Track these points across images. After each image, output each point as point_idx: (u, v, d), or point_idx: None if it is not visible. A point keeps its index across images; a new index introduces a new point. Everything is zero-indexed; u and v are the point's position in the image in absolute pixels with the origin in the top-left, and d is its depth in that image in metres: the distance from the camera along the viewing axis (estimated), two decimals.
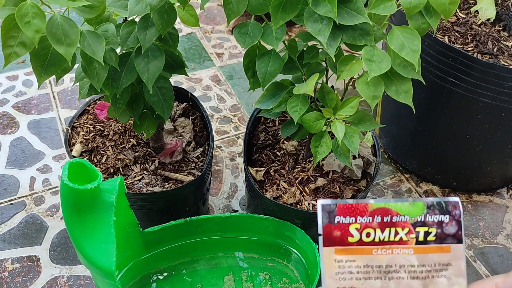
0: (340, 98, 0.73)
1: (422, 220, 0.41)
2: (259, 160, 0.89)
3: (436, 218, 0.41)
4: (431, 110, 1.00)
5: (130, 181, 0.85)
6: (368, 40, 0.61)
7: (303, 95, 0.69)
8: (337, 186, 0.83)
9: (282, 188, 0.83)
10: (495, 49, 0.93)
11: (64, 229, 1.00)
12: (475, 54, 0.92)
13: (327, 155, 0.77)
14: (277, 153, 0.90)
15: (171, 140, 0.93)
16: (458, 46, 0.94)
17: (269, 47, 0.67)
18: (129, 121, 0.90)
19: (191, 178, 0.86)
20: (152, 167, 0.87)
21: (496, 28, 0.98)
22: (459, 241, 0.41)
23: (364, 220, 0.40)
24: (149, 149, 0.90)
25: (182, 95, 0.98)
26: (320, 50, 0.70)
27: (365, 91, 0.63)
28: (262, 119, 0.96)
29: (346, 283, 0.40)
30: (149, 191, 0.83)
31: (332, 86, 0.74)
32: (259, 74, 0.67)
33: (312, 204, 0.81)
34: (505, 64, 0.89)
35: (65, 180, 0.59)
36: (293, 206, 0.80)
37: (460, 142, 1.02)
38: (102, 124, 0.93)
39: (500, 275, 0.40)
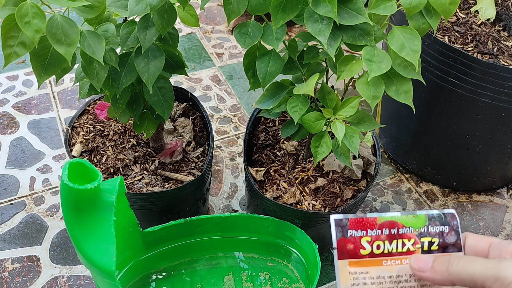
0: (340, 98, 0.73)
1: (426, 231, 0.43)
2: (259, 160, 0.89)
3: (437, 229, 0.43)
4: (431, 110, 1.00)
5: (130, 181, 0.85)
6: (368, 40, 0.61)
7: (303, 95, 0.69)
8: (337, 186, 0.83)
9: (282, 188, 0.83)
10: (495, 49, 0.93)
11: (64, 229, 1.00)
12: (475, 54, 0.92)
13: (327, 155, 0.77)
14: (277, 153, 0.90)
15: (171, 140, 0.93)
16: (458, 46, 0.94)
17: (269, 47, 0.67)
18: (129, 121, 0.90)
19: (191, 178, 0.86)
20: (152, 167, 0.87)
21: (496, 28, 0.98)
22: (459, 250, 0.43)
23: (374, 233, 0.43)
24: (149, 149, 0.90)
25: (182, 95, 0.98)
26: (320, 50, 0.70)
27: (365, 91, 0.63)
28: (262, 119, 0.96)
29: None
30: (149, 191, 0.83)
31: (332, 86, 0.74)
32: (259, 74, 0.67)
33: (312, 204, 0.81)
34: (505, 64, 0.89)
35: (65, 180, 0.59)
36: (293, 206, 0.80)
37: (460, 142, 1.02)
38: (102, 124, 0.93)
39: (497, 238, 0.41)
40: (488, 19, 0.99)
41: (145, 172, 0.86)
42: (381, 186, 1.15)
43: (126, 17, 0.73)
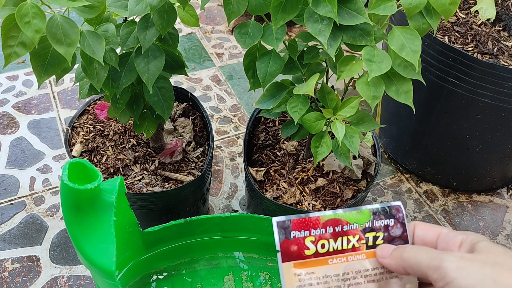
0: (340, 98, 0.73)
1: (370, 226, 0.43)
2: (259, 160, 0.89)
3: (382, 222, 0.43)
4: (431, 110, 1.00)
5: (130, 181, 0.85)
6: (368, 41, 0.61)
7: (303, 95, 0.69)
8: (337, 186, 0.83)
9: (282, 188, 0.83)
10: (495, 49, 0.93)
11: (64, 229, 1.00)
12: (475, 54, 0.92)
13: (327, 155, 0.77)
14: (277, 153, 0.90)
15: (171, 140, 0.93)
16: (458, 46, 0.94)
17: (269, 47, 0.67)
18: (129, 121, 0.90)
19: (191, 178, 0.86)
20: (152, 167, 0.87)
21: (496, 28, 0.98)
22: (406, 241, 0.43)
23: (318, 232, 0.42)
24: (149, 149, 0.90)
25: (182, 95, 0.98)
26: (320, 50, 0.70)
27: (365, 91, 0.63)
28: (262, 119, 0.96)
29: None
30: (149, 191, 0.83)
31: (332, 87, 0.74)
32: (259, 74, 0.67)
33: (312, 204, 0.81)
34: (505, 64, 0.89)
35: (65, 180, 0.59)
36: (293, 206, 0.80)
37: (460, 142, 1.02)
38: (102, 124, 0.93)
39: (447, 228, 0.42)
40: (488, 19, 0.99)
41: (145, 172, 0.86)
42: (381, 186, 1.15)
43: (126, 17, 0.73)
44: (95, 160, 0.88)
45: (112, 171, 0.86)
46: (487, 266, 0.35)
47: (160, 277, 0.83)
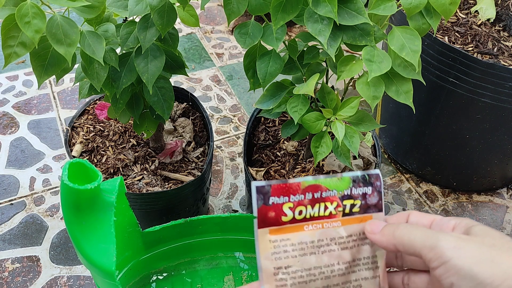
0: (340, 98, 0.73)
1: (349, 193, 0.42)
2: (259, 160, 0.89)
3: (360, 190, 0.42)
4: (431, 110, 1.00)
5: (130, 181, 0.85)
6: (368, 41, 0.61)
7: (303, 96, 0.69)
8: None
9: None
10: (495, 49, 0.93)
11: (64, 229, 1.00)
12: (475, 54, 0.92)
13: (327, 155, 0.77)
14: (277, 153, 0.90)
15: (171, 140, 0.93)
16: (458, 46, 0.94)
17: (269, 47, 0.67)
18: (129, 121, 0.90)
19: (191, 178, 0.86)
20: (152, 167, 0.87)
21: (496, 28, 0.98)
22: (380, 210, 0.42)
23: (297, 198, 0.41)
24: (149, 149, 0.90)
25: (182, 95, 0.98)
26: (320, 51, 0.70)
27: (365, 91, 0.63)
28: (262, 119, 0.96)
29: (282, 262, 0.40)
30: (149, 191, 0.83)
31: (332, 87, 0.74)
32: (259, 74, 0.67)
33: None
34: (505, 64, 0.89)
35: (65, 180, 0.59)
36: None
37: (460, 142, 1.02)
38: (102, 124, 0.93)
39: (441, 216, 0.41)
40: (488, 19, 0.99)
41: (145, 172, 0.86)
42: None
43: (126, 17, 0.73)
44: (95, 160, 0.88)
45: (112, 171, 0.86)
46: (484, 247, 0.34)
47: (160, 277, 0.83)
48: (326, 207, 0.41)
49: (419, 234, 0.37)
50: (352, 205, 0.42)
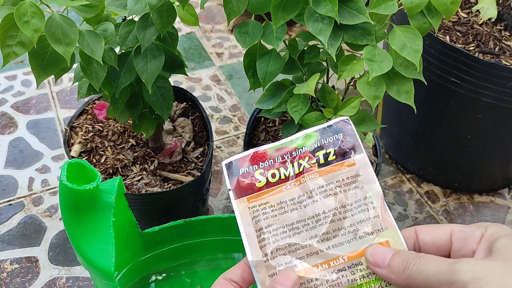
0: (341, 98, 0.72)
1: (319, 145, 0.42)
2: None
3: (331, 139, 0.42)
4: (432, 110, 1.00)
5: (129, 182, 0.84)
6: (369, 40, 0.61)
7: (304, 95, 0.69)
8: None
9: None
10: (497, 48, 0.93)
11: (63, 229, 1.00)
12: (477, 54, 0.92)
13: None
14: None
15: (171, 140, 0.92)
16: (460, 45, 0.93)
17: (269, 47, 0.67)
18: (128, 121, 0.89)
19: (190, 178, 0.86)
20: (152, 167, 0.87)
21: (498, 27, 0.98)
22: (360, 152, 0.42)
23: (266, 164, 0.42)
24: (148, 149, 0.90)
25: (181, 95, 0.98)
26: (321, 50, 0.70)
27: (366, 91, 0.62)
28: (262, 119, 0.95)
29: (263, 223, 0.40)
30: (148, 192, 0.82)
31: (333, 86, 0.73)
32: (259, 74, 0.67)
33: None
34: (507, 64, 0.89)
35: (64, 181, 0.58)
36: None
37: (461, 142, 1.02)
38: (101, 124, 0.93)
39: (458, 224, 0.38)
40: (490, 19, 0.98)
41: (144, 172, 0.86)
42: (382, 186, 1.15)
43: (125, 17, 0.72)
44: (94, 160, 0.87)
45: (111, 172, 0.86)
46: (507, 274, 0.31)
47: (159, 278, 0.83)
48: (299, 164, 0.41)
49: (432, 269, 0.33)
50: (326, 154, 0.41)
